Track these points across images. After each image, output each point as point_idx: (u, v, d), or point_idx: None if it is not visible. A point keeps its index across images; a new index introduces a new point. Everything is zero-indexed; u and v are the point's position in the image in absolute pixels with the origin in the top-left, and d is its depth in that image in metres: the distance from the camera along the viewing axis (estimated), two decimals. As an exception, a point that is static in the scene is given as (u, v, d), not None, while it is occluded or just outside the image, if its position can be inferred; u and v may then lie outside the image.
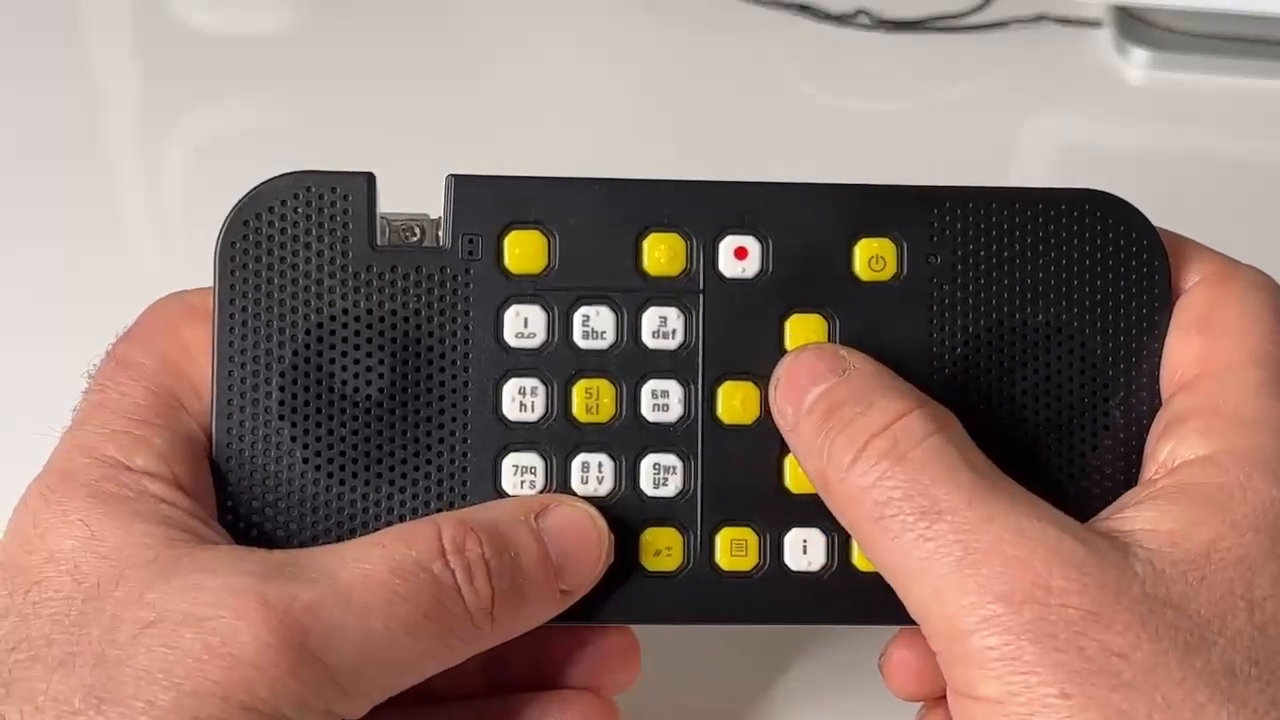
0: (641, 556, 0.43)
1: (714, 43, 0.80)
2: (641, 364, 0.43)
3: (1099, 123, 0.78)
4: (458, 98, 0.76)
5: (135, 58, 0.80)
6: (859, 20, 0.80)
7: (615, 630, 0.46)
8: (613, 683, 0.47)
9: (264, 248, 0.43)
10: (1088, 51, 0.80)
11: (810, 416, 0.41)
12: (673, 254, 0.43)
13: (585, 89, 0.78)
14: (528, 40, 0.81)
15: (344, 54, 0.79)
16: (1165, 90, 0.78)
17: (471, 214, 0.43)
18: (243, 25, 0.81)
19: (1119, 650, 0.36)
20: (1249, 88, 0.78)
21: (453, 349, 0.43)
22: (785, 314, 0.44)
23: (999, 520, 0.38)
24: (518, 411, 0.43)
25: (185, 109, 0.76)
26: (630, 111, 0.76)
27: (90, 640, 0.37)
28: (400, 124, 0.73)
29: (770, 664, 0.54)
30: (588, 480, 0.43)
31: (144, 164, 0.74)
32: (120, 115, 0.76)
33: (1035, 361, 0.44)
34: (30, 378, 0.41)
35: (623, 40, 0.81)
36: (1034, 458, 0.44)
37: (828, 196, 0.44)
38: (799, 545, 0.43)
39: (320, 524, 0.43)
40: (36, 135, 0.73)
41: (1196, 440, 0.41)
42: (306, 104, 0.76)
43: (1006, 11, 0.81)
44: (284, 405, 0.42)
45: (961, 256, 0.44)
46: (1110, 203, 0.44)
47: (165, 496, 0.40)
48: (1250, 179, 0.74)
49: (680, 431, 0.43)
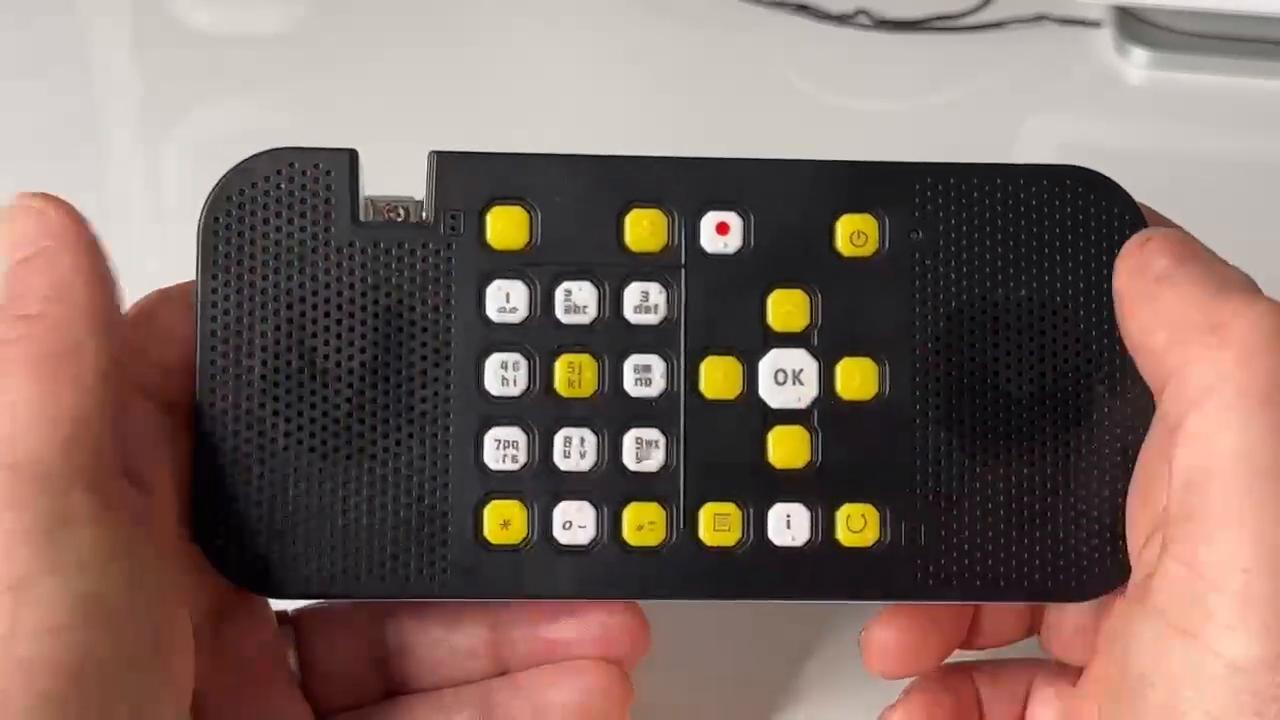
0: (624, 531, 0.43)
1: (713, 42, 0.81)
2: (624, 339, 0.43)
3: (1099, 123, 0.78)
4: (457, 98, 0.76)
5: (135, 58, 0.80)
6: (859, 20, 0.80)
7: (623, 605, 0.46)
8: (622, 660, 0.46)
9: (246, 224, 0.43)
10: (1088, 51, 0.80)
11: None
12: (655, 229, 0.44)
13: (586, 89, 0.78)
14: (528, 41, 0.81)
15: (344, 54, 0.79)
16: (1165, 90, 0.78)
17: (454, 190, 0.43)
18: (243, 25, 0.81)
19: None
20: (1249, 88, 0.78)
21: (435, 324, 0.43)
22: (767, 289, 0.44)
23: None
24: (500, 386, 0.43)
25: (185, 109, 0.76)
26: (630, 111, 0.77)
27: None
28: (400, 124, 0.73)
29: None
30: (570, 455, 0.43)
31: (144, 164, 0.74)
32: (120, 115, 0.76)
33: (1018, 336, 0.43)
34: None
35: (622, 40, 0.81)
36: (1018, 432, 0.43)
37: (810, 172, 0.44)
38: (783, 520, 0.43)
39: (301, 500, 0.43)
40: (36, 135, 0.73)
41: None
42: (306, 104, 0.76)
43: (1006, 11, 0.81)
44: (265, 381, 0.42)
45: (943, 232, 0.44)
46: (1092, 178, 0.44)
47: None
48: (1250, 179, 0.74)
49: (663, 406, 0.43)
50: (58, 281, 0.40)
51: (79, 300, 0.40)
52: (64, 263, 0.40)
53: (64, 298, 0.40)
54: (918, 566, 0.43)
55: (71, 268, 0.40)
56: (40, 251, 0.40)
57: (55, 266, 0.40)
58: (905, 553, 0.43)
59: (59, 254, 0.40)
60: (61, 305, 0.39)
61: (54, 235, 0.40)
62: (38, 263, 0.40)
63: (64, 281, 0.40)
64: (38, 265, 0.40)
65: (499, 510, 0.43)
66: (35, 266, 0.40)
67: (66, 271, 0.40)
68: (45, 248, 0.40)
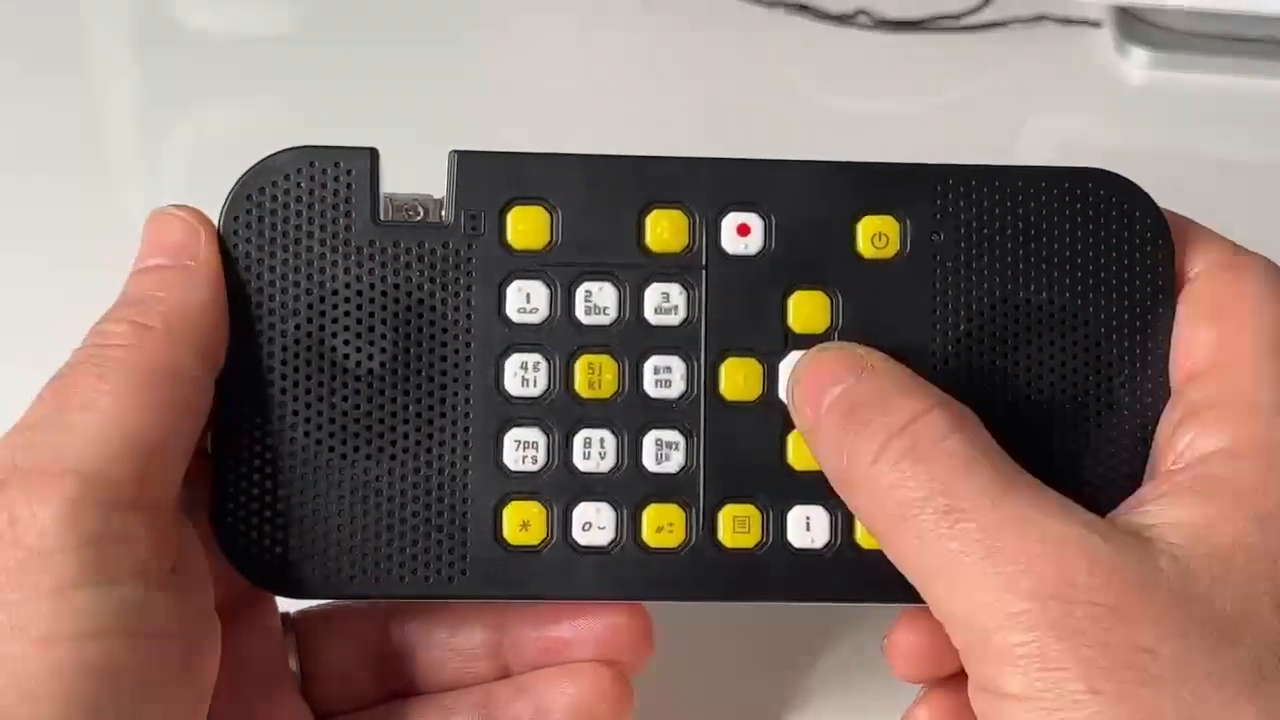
0: (644, 533, 0.43)
1: (714, 42, 0.80)
2: (644, 340, 0.43)
3: (1099, 123, 0.78)
4: (458, 98, 0.76)
5: (135, 58, 0.79)
6: (859, 20, 0.80)
7: (626, 609, 0.46)
8: (625, 664, 0.46)
9: (267, 222, 0.43)
10: (1088, 51, 0.80)
11: (830, 416, 0.41)
12: (675, 230, 0.43)
13: (585, 89, 0.78)
14: (528, 41, 0.81)
15: (344, 54, 0.79)
16: (1165, 90, 0.78)
17: (474, 190, 0.43)
18: (243, 25, 0.81)
19: (1146, 645, 0.36)
20: (1249, 88, 0.78)
21: (455, 324, 0.43)
22: (788, 291, 0.44)
23: (1022, 518, 0.38)
24: (520, 387, 0.43)
25: (185, 109, 0.76)
26: (630, 111, 0.76)
27: None
28: (400, 124, 0.73)
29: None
30: (590, 456, 0.43)
31: (144, 164, 0.74)
32: (120, 115, 0.76)
33: (1039, 340, 0.44)
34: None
35: (622, 40, 0.81)
36: (1038, 438, 0.43)
37: (831, 174, 0.44)
38: (802, 522, 0.43)
39: (321, 499, 0.43)
40: (36, 135, 0.73)
41: (1216, 431, 0.40)
42: (306, 104, 0.76)
43: (1006, 11, 0.81)
44: (286, 379, 0.42)
45: (965, 234, 0.44)
46: (1114, 181, 0.44)
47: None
48: (1250, 179, 0.74)
49: (683, 407, 0.43)
50: (183, 305, 0.41)
51: (195, 331, 0.41)
52: (194, 291, 0.41)
53: (182, 322, 0.40)
54: None
55: (198, 299, 0.41)
56: (178, 268, 0.41)
57: (186, 289, 0.41)
58: None
59: (193, 280, 0.41)
60: (178, 330, 0.40)
61: (194, 258, 0.42)
62: (171, 279, 0.41)
63: (188, 308, 0.41)
64: (170, 281, 0.41)
65: (518, 511, 0.43)
66: (168, 281, 0.41)
67: (193, 299, 0.41)
68: (184, 267, 0.41)
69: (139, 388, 0.39)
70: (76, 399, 0.39)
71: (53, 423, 0.39)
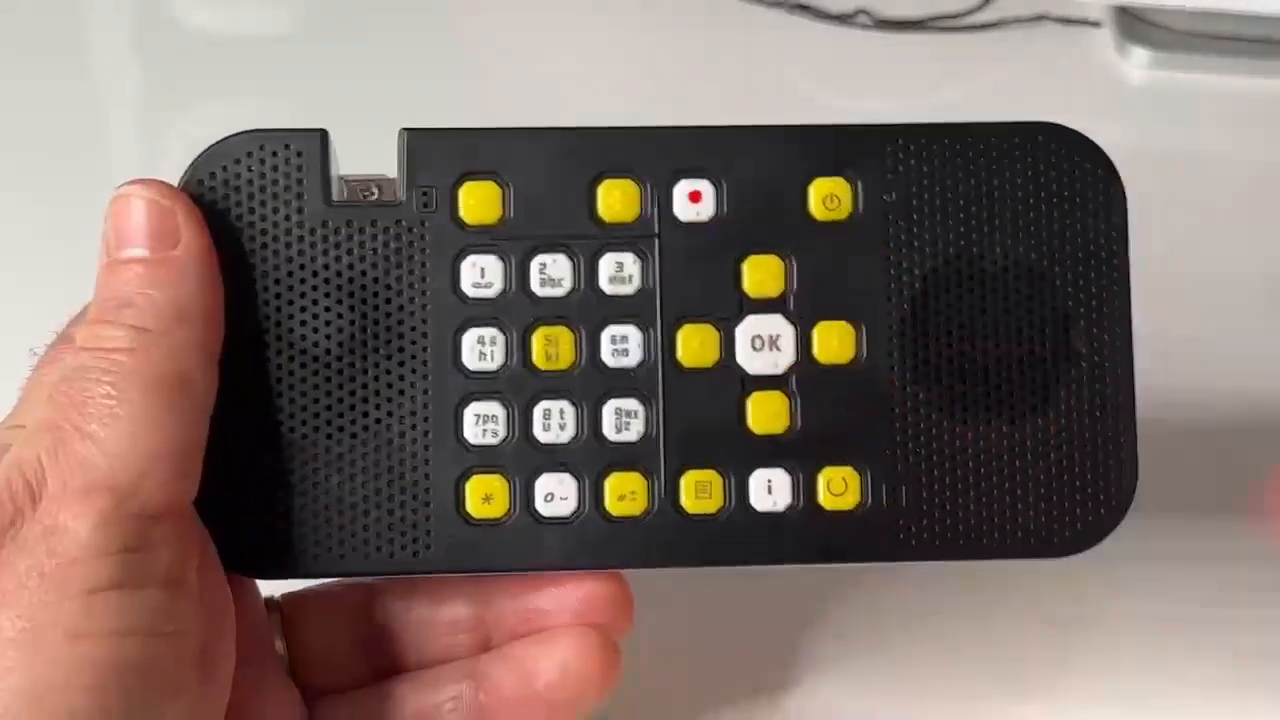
0: (606, 502, 0.43)
1: (713, 42, 0.80)
2: (600, 310, 0.44)
3: (1099, 123, 0.77)
4: (456, 98, 0.76)
5: (135, 58, 0.80)
6: (859, 20, 0.80)
7: (604, 577, 0.46)
8: (607, 628, 0.46)
9: (219, 206, 0.43)
10: (1088, 51, 0.80)
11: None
12: (627, 200, 0.44)
13: (585, 89, 0.78)
14: (527, 40, 0.81)
15: (344, 54, 0.79)
16: (1165, 90, 0.78)
17: (425, 166, 0.43)
18: (243, 25, 0.81)
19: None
20: (1249, 88, 0.77)
21: (411, 301, 0.43)
22: (742, 256, 0.44)
23: None
24: (477, 361, 0.43)
25: (185, 109, 0.76)
26: (629, 111, 0.75)
27: None
28: (400, 124, 0.73)
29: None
30: (549, 427, 0.43)
31: (144, 164, 0.74)
32: (120, 115, 0.76)
33: (994, 294, 0.43)
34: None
35: (622, 40, 0.81)
36: (996, 391, 0.43)
37: (781, 138, 0.44)
38: (764, 486, 0.43)
39: (283, 480, 0.43)
40: (36, 135, 0.73)
41: None
42: (306, 104, 0.76)
43: (1006, 11, 0.81)
44: (246, 364, 0.43)
45: (916, 193, 0.44)
46: (1062, 133, 0.44)
47: None
48: (1250, 179, 0.74)
49: (641, 376, 0.44)
50: (180, 302, 0.40)
51: (196, 329, 0.41)
52: (189, 284, 0.41)
53: (184, 321, 0.40)
54: (900, 527, 0.43)
55: (195, 292, 0.41)
56: (166, 262, 0.41)
57: (181, 283, 0.41)
58: (888, 514, 0.43)
59: (186, 272, 0.41)
60: (181, 330, 0.40)
61: (175, 244, 0.41)
62: (162, 275, 0.41)
63: (186, 303, 0.41)
64: (162, 277, 0.41)
65: (481, 484, 0.43)
66: (160, 278, 0.41)
67: (190, 294, 0.41)
68: (168, 260, 0.41)
69: (158, 399, 0.39)
70: (93, 409, 0.39)
71: (77, 434, 0.39)
